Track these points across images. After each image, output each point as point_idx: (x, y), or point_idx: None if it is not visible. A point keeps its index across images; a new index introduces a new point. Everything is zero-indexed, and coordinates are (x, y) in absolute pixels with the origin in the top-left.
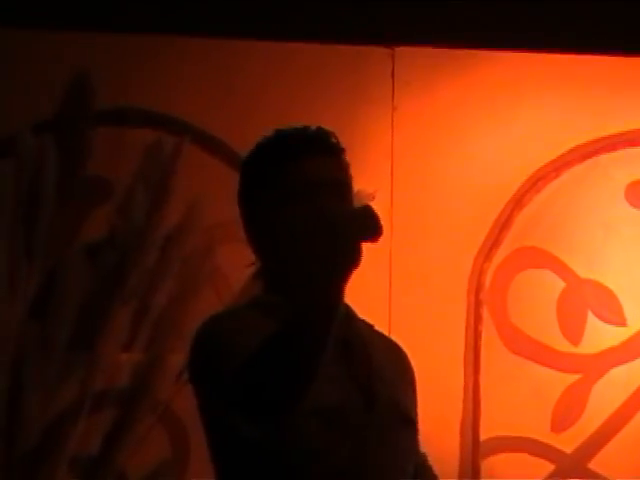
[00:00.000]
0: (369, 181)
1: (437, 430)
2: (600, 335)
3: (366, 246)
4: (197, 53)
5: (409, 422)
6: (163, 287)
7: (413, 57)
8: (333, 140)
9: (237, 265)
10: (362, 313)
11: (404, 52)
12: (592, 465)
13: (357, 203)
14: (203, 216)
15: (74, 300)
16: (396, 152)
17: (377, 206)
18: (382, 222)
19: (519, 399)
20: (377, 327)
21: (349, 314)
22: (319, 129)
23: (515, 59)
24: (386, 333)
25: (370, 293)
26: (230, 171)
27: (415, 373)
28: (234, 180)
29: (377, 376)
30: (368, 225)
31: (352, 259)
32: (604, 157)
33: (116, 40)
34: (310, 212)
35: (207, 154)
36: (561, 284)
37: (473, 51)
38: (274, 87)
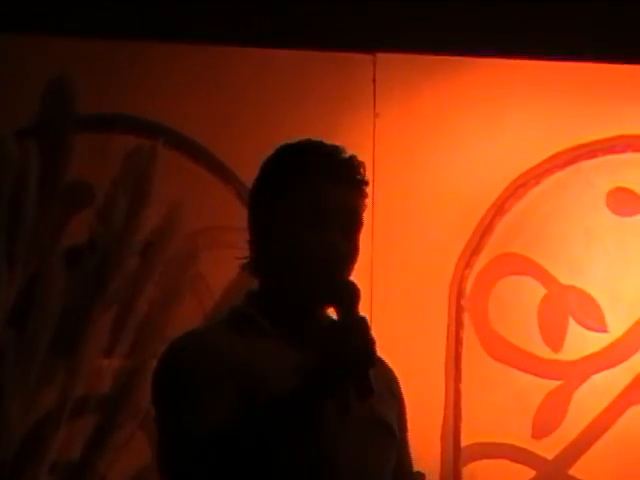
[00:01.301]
0: None
1: (418, 436)
2: (581, 341)
3: None
4: (179, 59)
5: (385, 430)
6: (145, 292)
7: (395, 63)
8: (362, 172)
9: (219, 271)
10: None
11: (386, 58)
12: (573, 471)
13: None
14: (184, 221)
15: (55, 305)
16: (378, 158)
17: None
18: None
19: (500, 405)
20: None
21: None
22: (352, 158)
23: (497, 66)
24: None
25: None
26: (211, 177)
27: (400, 387)
28: (215, 186)
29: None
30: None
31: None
32: (585, 164)
33: (99, 46)
34: (313, 245)
35: (188, 160)
36: (542, 290)
37: (455, 58)
38: (255, 93)
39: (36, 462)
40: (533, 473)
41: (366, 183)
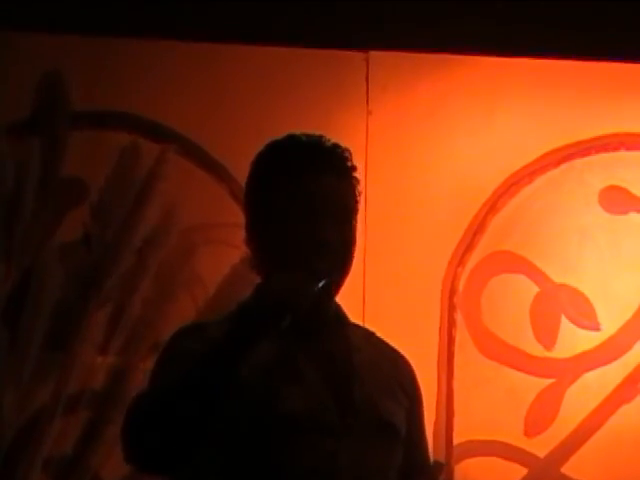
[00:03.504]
0: None
1: None
2: (574, 340)
3: None
4: (172, 56)
5: (389, 430)
6: (139, 289)
7: (388, 61)
8: (347, 159)
9: (212, 268)
10: None
11: (379, 56)
12: (565, 469)
13: None
14: (178, 219)
15: (49, 301)
16: (371, 156)
17: None
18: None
19: (492, 403)
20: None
21: (340, 322)
22: (335, 146)
23: (490, 64)
24: None
25: (344, 297)
26: (205, 175)
27: (419, 387)
28: (210, 183)
29: (357, 384)
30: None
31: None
32: (578, 162)
33: (93, 43)
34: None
35: (184, 158)
36: (535, 289)
37: (448, 56)
38: (249, 91)
39: (29, 457)
40: (525, 471)
41: (353, 169)
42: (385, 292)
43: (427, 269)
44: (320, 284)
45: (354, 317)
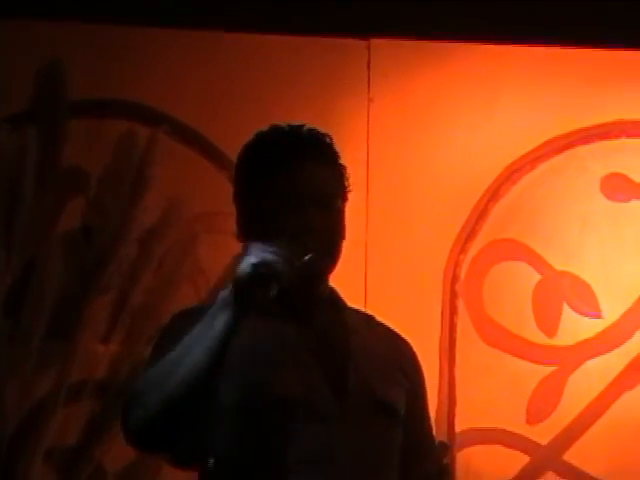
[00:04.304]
0: None
1: None
2: (575, 327)
3: None
4: (173, 44)
5: (387, 411)
6: (141, 278)
7: (389, 49)
8: (327, 146)
9: (214, 256)
10: None
11: (380, 44)
12: (567, 457)
13: None
14: (180, 208)
15: (51, 291)
16: (372, 144)
17: (353, 198)
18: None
19: (494, 391)
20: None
21: (334, 305)
22: (313, 133)
23: (492, 51)
24: None
25: (346, 284)
26: (208, 163)
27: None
28: (212, 172)
29: (352, 366)
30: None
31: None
32: (580, 149)
33: (92, 31)
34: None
35: (185, 146)
36: (537, 276)
37: (449, 43)
38: (249, 78)
39: (32, 447)
40: (527, 458)
41: (336, 156)
42: (387, 280)
43: (429, 257)
44: (305, 257)
45: (356, 304)
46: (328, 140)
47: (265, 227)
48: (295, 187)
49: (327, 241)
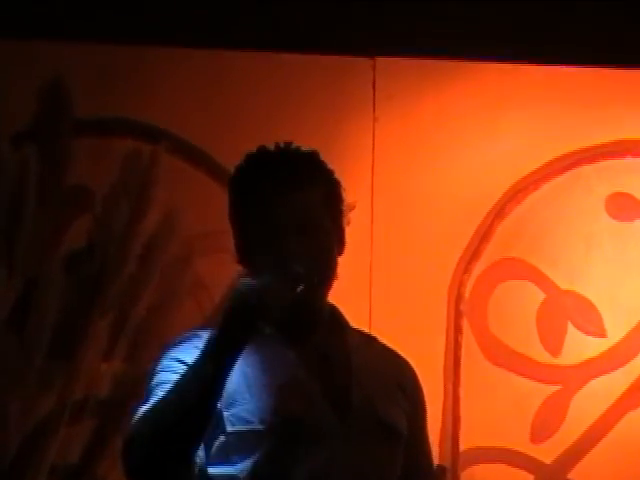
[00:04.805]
0: (349, 192)
1: None
2: (580, 346)
3: (347, 256)
4: (178, 63)
5: (389, 432)
6: (143, 297)
7: (394, 68)
8: (308, 168)
9: (218, 275)
10: None
11: (385, 63)
12: (571, 476)
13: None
14: (183, 225)
15: (53, 309)
16: (377, 163)
17: (357, 217)
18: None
19: (499, 410)
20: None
21: (336, 324)
22: (297, 157)
23: (497, 71)
24: None
25: (350, 303)
26: (211, 181)
27: (421, 389)
28: (215, 190)
29: (355, 386)
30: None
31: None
32: (584, 169)
33: (98, 50)
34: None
35: (188, 164)
36: (541, 295)
37: (455, 62)
38: (255, 97)
39: (35, 466)
40: (532, 478)
41: (322, 174)
42: (391, 299)
43: (433, 276)
44: (298, 289)
45: (360, 324)
46: (315, 159)
47: (252, 255)
48: (274, 218)
49: (315, 266)
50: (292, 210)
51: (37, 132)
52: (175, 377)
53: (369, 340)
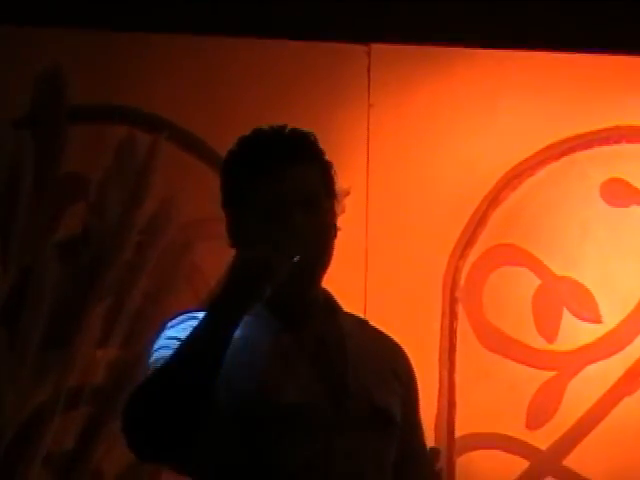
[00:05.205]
0: (345, 178)
1: None
2: (575, 332)
3: (343, 242)
4: (173, 50)
5: (385, 419)
6: (139, 284)
7: (389, 54)
8: (308, 144)
9: (213, 261)
10: None
11: (380, 49)
12: (567, 462)
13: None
14: (179, 212)
15: (49, 297)
16: (372, 149)
17: (353, 203)
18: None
19: (494, 396)
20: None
21: (331, 310)
22: (294, 133)
23: (492, 57)
24: None
25: (346, 290)
26: (207, 168)
27: (415, 375)
28: (211, 177)
29: (351, 373)
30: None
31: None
32: (579, 155)
33: (95, 37)
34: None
35: (184, 151)
36: (537, 281)
37: (450, 48)
38: (250, 84)
39: (30, 453)
40: (527, 463)
41: (319, 154)
42: (387, 285)
43: (429, 262)
44: (294, 259)
45: (356, 310)
46: (311, 138)
47: (252, 233)
48: (278, 190)
49: (315, 242)
50: (294, 182)
51: (33, 119)
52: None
53: (362, 324)
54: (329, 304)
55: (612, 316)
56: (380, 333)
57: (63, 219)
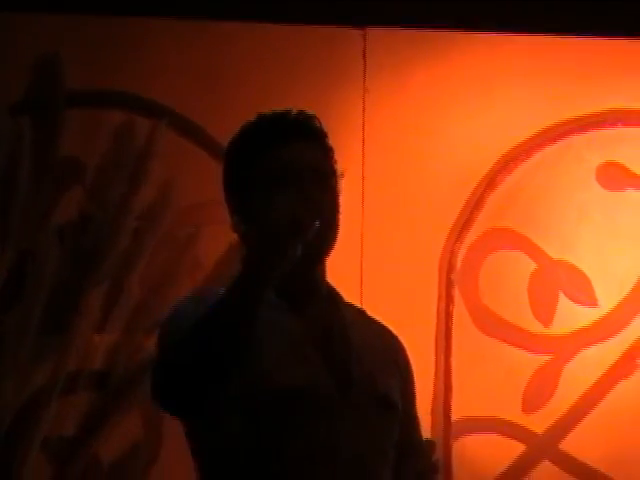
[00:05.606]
0: (341, 162)
1: None
2: (571, 316)
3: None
4: (170, 35)
5: (388, 405)
6: (137, 268)
7: (385, 38)
8: (314, 125)
9: (210, 246)
10: None
11: (376, 33)
12: (563, 446)
13: None
14: (175, 198)
15: (47, 281)
16: (367, 134)
17: (348, 186)
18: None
19: (490, 380)
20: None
21: (333, 299)
22: (300, 114)
23: (488, 41)
24: None
25: (341, 274)
26: (201, 152)
27: (411, 365)
28: (208, 163)
29: (355, 359)
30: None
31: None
32: (576, 138)
33: (94, 22)
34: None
35: (178, 135)
36: (532, 265)
37: (445, 33)
38: (245, 69)
39: (28, 438)
40: (523, 447)
41: (323, 135)
42: (383, 269)
43: (425, 246)
44: (316, 224)
45: (352, 295)
46: (317, 122)
47: (265, 211)
48: (292, 160)
49: (327, 217)
50: (308, 157)
51: (30, 104)
52: (189, 323)
53: (361, 314)
54: (332, 295)
55: (608, 300)
56: (377, 323)
57: (61, 203)
